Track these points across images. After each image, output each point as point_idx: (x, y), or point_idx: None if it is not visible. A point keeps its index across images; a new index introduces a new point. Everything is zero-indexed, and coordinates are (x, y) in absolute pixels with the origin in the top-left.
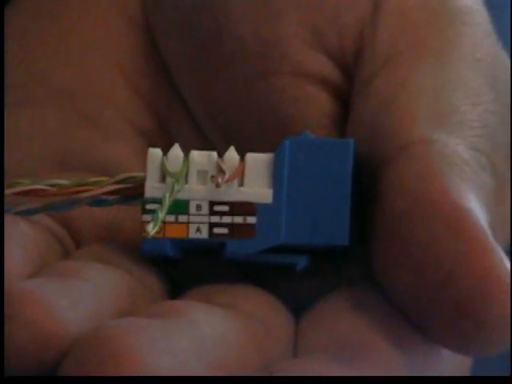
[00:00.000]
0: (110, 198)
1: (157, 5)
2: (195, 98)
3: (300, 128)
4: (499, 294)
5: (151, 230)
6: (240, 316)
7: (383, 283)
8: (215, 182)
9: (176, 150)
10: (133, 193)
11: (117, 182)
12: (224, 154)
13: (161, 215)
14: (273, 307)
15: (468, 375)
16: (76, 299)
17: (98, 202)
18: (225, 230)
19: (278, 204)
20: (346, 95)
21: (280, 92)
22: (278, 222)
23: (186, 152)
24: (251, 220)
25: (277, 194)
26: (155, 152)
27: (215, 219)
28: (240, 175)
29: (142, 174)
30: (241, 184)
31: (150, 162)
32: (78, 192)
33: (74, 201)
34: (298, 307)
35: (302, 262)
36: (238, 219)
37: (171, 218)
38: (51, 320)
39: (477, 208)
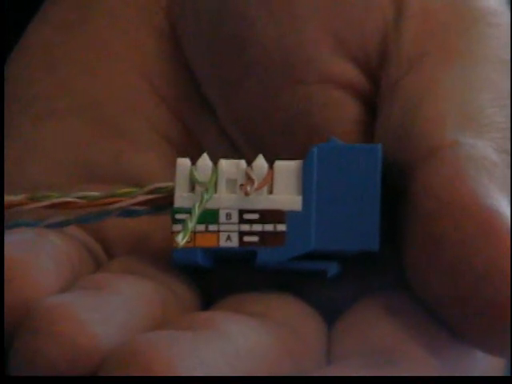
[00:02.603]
0: (140, 208)
1: (181, 13)
2: (221, 106)
3: (329, 134)
4: None
5: (181, 240)
6: (272, 325)
7: (416, 286)
8: (244, 191)
9: (205, 160)
10: (163, 203)
11: (146, 193)
12: (252, 162)
13: (190, 225)
14: (305, 315)
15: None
16: (107, 313)
17: (127, 213)
18: (255, 238)
19: (308, 211)
20: (372, 100)
21: (306, 99)
22: (308, 229)
23: (214, 160)
24: (281, 228)
25: (306, 201)
26: (184, 162)
27: (245, 227)
28: (269, 183)
29: (171, 184)
30: (270, 192)
31: (179, 172)
32: (108, 204)
33: (104, 212)
34: (330, 314)
35: (332, 268)
36: (269, 227)
37: (201, 228)
38: (83, 335)
39: (506, 209)
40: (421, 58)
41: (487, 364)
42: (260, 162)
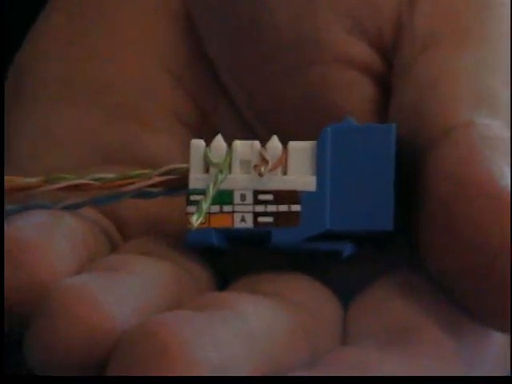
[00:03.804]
0: (155, 190)
1: None
2: (237, 88)
3: (343, 114)
4: None
5: (195, 221)
6: (287, 305)
7: (431, 267)
8: (258, 171)
9: (219, 141)
10: (177, 184)
11: (161, 174)
12: (267, 143)
13: (204, 206)
14: (321, 295)
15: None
16: (123, 294)
17: (142, 194)
18: (270, 219)
19: (322, 191)
20: (386, 80)
21: (320, 79)
22: (322, 209)
23: (230, 142)
24: (296, 208)
25: (320, 182)
26: (198, 143)
27: (260, 208)
28: (283, 164)
29: (185, 166)
30: (284, 172)
31: (194, 153)
32: (123, 185)
33: (119, 194)
34: (346, 294)
35: (347, 249)
36: (283, 208)
37: (216, 209)
38: (98, 316)
39: None
40: (434, 40)
41: (502, 345)
42: (274, 142)
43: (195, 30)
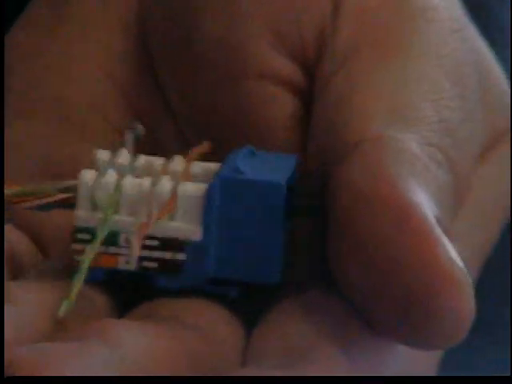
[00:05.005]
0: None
1: (150, 13)
2: (178, 102)
3: (265, 130)
4: (444, 284)
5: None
6: (175, 329)
7: (336, 278)
8: (141, 221)
9: (110, 177)
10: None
11: (60, 191)
12: (156, 184)
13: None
14: (219, 318)
15: (435, 374)
16: None
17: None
18: (154, 264)
19: (207, 242)
20: (309, 95)
21: (245, 95)
22: (207, 259)
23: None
24: (180, 256)
25: (207, 232)
26: (87, 176)
27: (145, 253)
28: (171, 210)
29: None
30: (172, 218)
31: (81, 189)
32: (20, 202)
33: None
34: (251, 318)
35: (233, 292)
36: (168, 255)
37: (102, 248)
38: None
39: (424, 202)
40: (354, 53)
41: (408, 359)
42: (164, 186)
43: (146, 44)
